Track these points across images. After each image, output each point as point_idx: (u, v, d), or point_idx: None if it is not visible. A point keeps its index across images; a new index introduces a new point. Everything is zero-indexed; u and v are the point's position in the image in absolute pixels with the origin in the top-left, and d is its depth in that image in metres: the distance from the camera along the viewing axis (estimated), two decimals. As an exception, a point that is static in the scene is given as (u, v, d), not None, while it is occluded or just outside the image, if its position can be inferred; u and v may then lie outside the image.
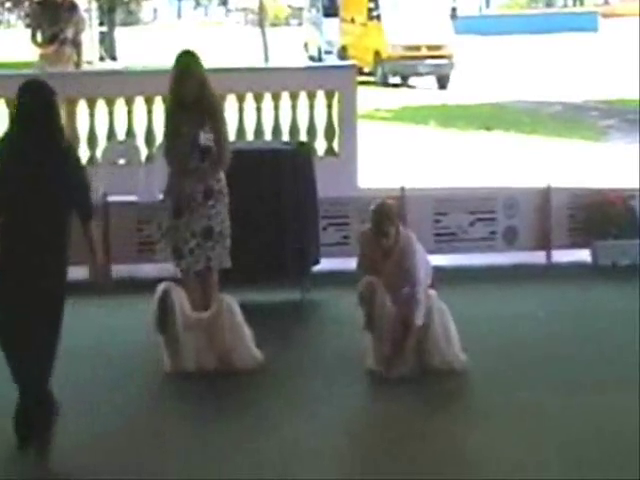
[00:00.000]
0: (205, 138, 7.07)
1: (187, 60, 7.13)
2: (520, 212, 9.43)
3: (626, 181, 10.59)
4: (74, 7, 11.57)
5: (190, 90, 7.05)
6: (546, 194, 9.43)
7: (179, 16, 65.47)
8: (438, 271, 7.31)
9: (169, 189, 7.25)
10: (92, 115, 10.53)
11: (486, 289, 8.57)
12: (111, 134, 10.55)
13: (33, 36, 11.45)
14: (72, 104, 10.58)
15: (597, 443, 5.57)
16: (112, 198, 9.08)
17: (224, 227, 7.20)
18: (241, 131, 10.50)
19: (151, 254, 8.98)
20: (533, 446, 5.54)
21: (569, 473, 5.26)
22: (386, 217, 6.70)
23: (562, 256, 9.31)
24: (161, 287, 6.72)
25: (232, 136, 10.46)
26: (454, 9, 29.37)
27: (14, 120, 5.61)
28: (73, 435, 5.73)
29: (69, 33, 11.36)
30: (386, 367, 6.56)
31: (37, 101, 5.47)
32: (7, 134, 5.62)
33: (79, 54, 11.60)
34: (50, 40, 11.28)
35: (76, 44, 11.52)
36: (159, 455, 5.54)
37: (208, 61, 7.68)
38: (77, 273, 8.80)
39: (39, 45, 11.40)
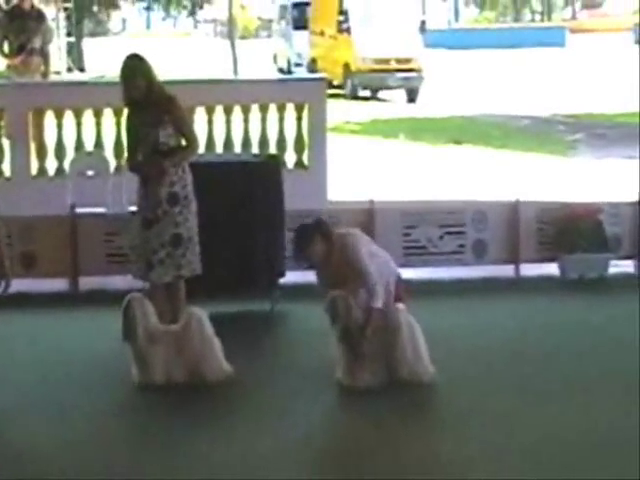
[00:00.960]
0: (165, 135, 7.05)
1: (130, 62, 7.15)
2: (489, 226, 9.47)
3: (594, 195, 10.68)
4: (41, 17, 11.52)
5: (137, 89, 7.05)
6: (515, 208, 9.48)
7: (148, 27, 65.37)
8: (407, 284, 7.33)
9: (137, 200, 7.23)
10: (60, 126, 10.48)
11: (455, 302, 8.59)
12: (79, 145, 10.50)
13: (0, 46, 11.38)
14: (40, 115, 10.54)
15: (564, 448, 5.60)
16: (80, 210, 9.03)
17: (193, 233, 7.19)
18: (211, 143, 10.49)
19: (119, 266, 8.96)
20: (502, 454, 5.56)
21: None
22: (303, 240, 6.79)
23: (530, 269, 9.35)
24: (126, 299, 6.69)
25: (201, 148, 10.51)
26: (423, 22, 29.50)
27: None
28: (40, 444, 5.69)
29: (37, 43, 11.30)
30: (354, 378, 6.56)
31: None
32: None
33: (47, 64, 11.56)
34: (18, 50, 11.22)
35: (44, 54, 11.47)
36: (125, 465, 5.49)
37: (177, 73, 7.66)
38: (47, 285, 8.83)
39: (6, 55, 11.33)
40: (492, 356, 7.24)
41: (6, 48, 11.33)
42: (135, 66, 7.11)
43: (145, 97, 7.05)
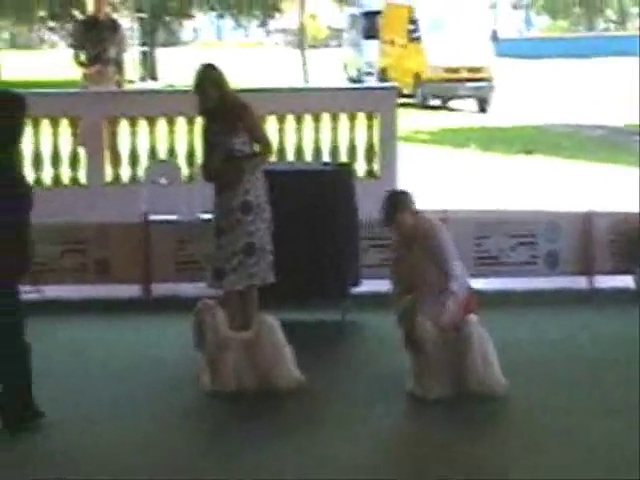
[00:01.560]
0: (239, 143, 7.09)
1: (204, 72, 7.19)
2: (562, 236, 9.35)
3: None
4: (116, 26, 11.68)
5: (210, 98, 7.09)
6: (588, 219, 9.35)
7: (219, 36, 65.92)
8: (478, 295, 7.26)
9: (213, 208, 7.30)
10: (134, 134, 10.60)
11: (527, 313, 8.50)
12: (152, 153, 10.61)
13: (76, 56, 11.57)
14: (114, 123, 10.68)
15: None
16: (153, 217, 9.12)
17: (265, 242, 7.21)
18: (282, 152, 10.53)
19: (191, 273, 9.03)
20: (577, 469, 5.47)
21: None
22: (393, 206, 6.82)
23: (604, 281, 9.21)
24: (197, 306, 6.73)
25: (273, 157, 10.54)
26: (495, 32, 29.31)
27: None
28: (111, 448, 5.75)
29: (112, 53, 11.46)
30: (425, 388, 6.53)
31: None
32: None
33: (121, 73, 11.70)
34: (93, 60, 11.39)
35: (118, 63, 11.62)
36: (194, 472, 5.52)
37: (248, 82, 7.71)
38: (120, 291, 8.94)
39: (82, 65, 11.50)
40: (565, 369, 7.14)
41: (82, 58, 11.50)
42: (208, 75, 7.16)
43: (219, 106, 7.10)
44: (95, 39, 11.43)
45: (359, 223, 8.47)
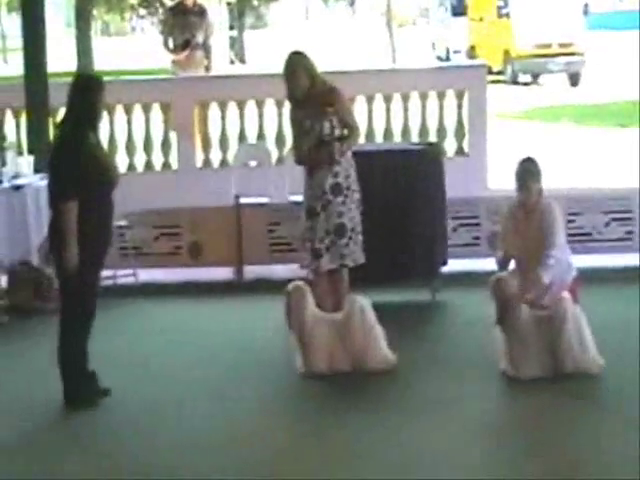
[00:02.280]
0: (329, 127, 7.13)
1: (292, 59, 7.22)
2: (658, 212, 9.16)
3: None
4: (203, 12, 11.80)
5: (300, 86, 7.14)
6: (685, 193, 9.14)
7: (307, 18, 65.98)
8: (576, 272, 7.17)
9: (304, 190, 7.34)
10: (224, 118, 10.69)
11: (622, 291, 8.36)
12: (242, 136, 10.69)
13: (165, 42, 11.71)
14: (204, 107, 10.78)
15: None
16: (244, 200, 9.21)
17: (355, 223, 7.24)
18: (370, 133, 10.51)
19: (282, 255, 9.10)
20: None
21: None
22: (529, 172, 6.90)
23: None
24: (288, 287, 6.78)
25: (362, 138, 10.54)
26: (587, 5, 28.76)
27: None
28: (204, 431, 5.84)
29: (199, 38, 11.59)
30: (518, 368, 6.48)
31: None
32: None
33: (209, 58, 11.82)
34: (182, 46, 11.52)
35: (206, 49, 11.74)
36: (286, 455, 5.56)
37: (336, 62, 7.69)
38: (213, 274, 9.05)
39: (171, 51, 11.65)
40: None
41: (171, 44, 11.65)
42: (297, 62, 7.19)
43: (309, 92, 7.14)
44: (183, 25, 11.57)
45: (447, 202, 8.42)
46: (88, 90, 6.09)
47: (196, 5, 11.76)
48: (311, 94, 7.14)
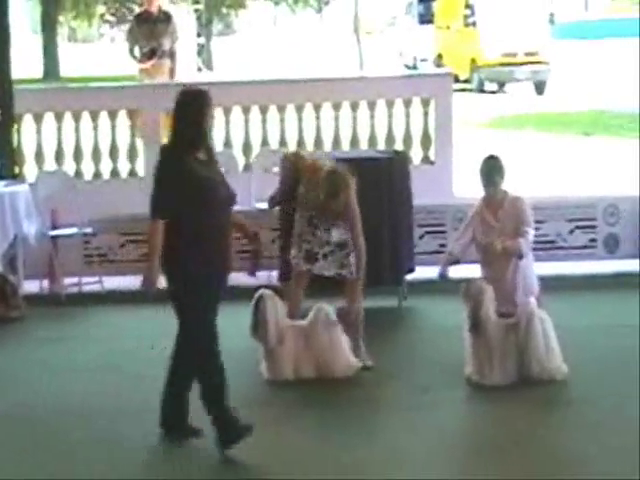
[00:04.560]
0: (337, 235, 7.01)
1: (337, 181, 6.86)
2: (621, 219, 9.25)
3: None
4: (169, 18, 11.76)
5: (336, 208, 6.88)
6: (648, 201, 9.24)
7: (274, 25, 66.00)
8: (538, 280, 7.23)
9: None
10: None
11: (586, 298, 8.43)
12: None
13: (131, 51, 11.67)
14: (170, 115, 10.74)
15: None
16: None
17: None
18: (337, 140, 10.54)
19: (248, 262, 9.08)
20: (635, 458, 5.43)
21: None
22: (494, 168, 7.07)
23: (665, 264, 9.10)
24: (256, 295, 6.78)
25: (328, 145, 10.57)
26: (552, 14, 29.01)
27: None
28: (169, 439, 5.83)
29: (166, 45, 11.56)
30: (483, 374, 6.52)
31: None
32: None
33: (174, 63, 11.79)
34: (149, 55, 11.48)
35: (171, 54, 11.71)
36: (255, 461, 5.56)
37: (304, 69, 7.70)
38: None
39: (138, 60, 11.60)
40: (625, 354, 7.07)
41: (137, 52, 11.60)
42: (338, 186, 6.84)
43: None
44: (149, 34, 11.52)
45: (414, 210, 8.45)
46: (193, 105, 5.71)
47: (161, 12, 11.71)
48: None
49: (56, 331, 7.98)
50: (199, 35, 37.47)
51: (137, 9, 28.07)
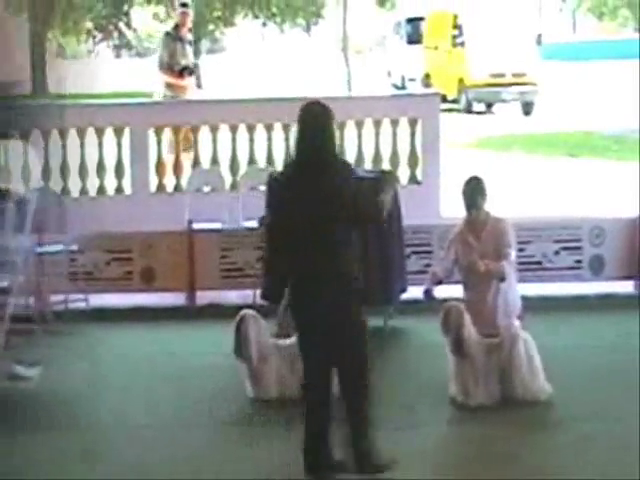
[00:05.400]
0: None
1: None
2: (607, 241, 9.29)
3: None
4: (190, 40, 12.24)
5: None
6: (634, 223, 9.27)
7: (262, 44, 66.13)
8: (523, 300, 7.24)
9: None
10: (178, 143, 10.67)
11: (572, 319, 8.45)
12: (196, 162, 10.67)
13: (168, 66, 11.96)
14: (158, 132, 10.76)
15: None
16: (197, 225, 9.19)
17: None
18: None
19: (234, 281, 9.09)
20: (620, 478, 5.44)
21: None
22: (477, 190, 7.07)
23: (650, 287, 9.13)
24: (239, 315, 6.77)
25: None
26: (540, 35, 29.16)
27: None
28: (155, 455, 5.79)
29: (191, 64, 12.01)
30: (467, 395, 6.52)
31: None
32: None
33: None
34: (181, 72, 11.86)
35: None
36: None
37: (291, 88, 7.72)
38: (166, 299, 9.02)
39: (176, 76, 11.89)
40: (610, 374, 7.09)
41: (166, 66, 11.96)
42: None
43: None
44: (181, 51, 11.95)
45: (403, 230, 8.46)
46: (313, 120, 5.58)
47: (189, 32, 12.24)
48: None
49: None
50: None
51: (124, 25, 28.12)
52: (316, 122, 5.58)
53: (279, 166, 10.23)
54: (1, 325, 5.21)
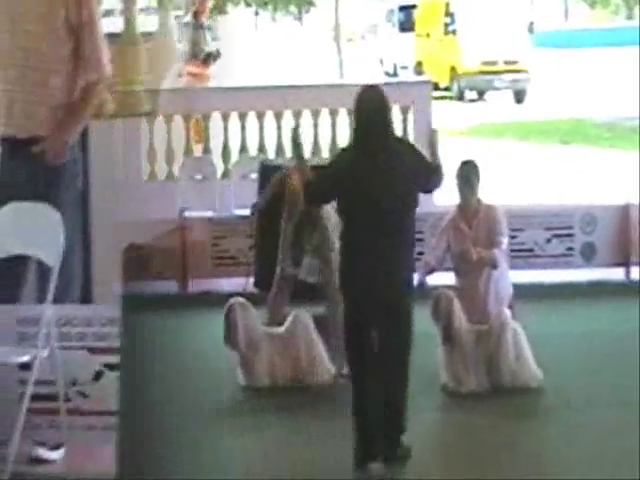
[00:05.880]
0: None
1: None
2: (598, 228, 9.30)
3: None
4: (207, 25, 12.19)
5: (316, 213, 6.92)
6: (626, 210, 9.29)
7: (255, 31, 66.01)
8: (514, 288, 7.25)
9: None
10: (169, 131, 10.65)
11: (563, 306, 8.47)
12: (188, 150, 10.66)
13: (191, 54, 11.94)
14: (150, 120, 10.74)
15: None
16: (189, 213, 9.19)
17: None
18: (316, 147, 10.55)
19: (226, 269, 9.10)
20: (612, 465, 5.45)
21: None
22: (472, 171, 7.05)
23: (642, 273, 9.16)
24: (228, 303, 6.78)
25: (307, 153, 10.57)
26: (532, 23, 29.17)
27: None
28: (153, 442, 5.81)
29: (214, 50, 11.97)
30: (459, 382, 6.54)
31: None
32: None
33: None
34: (204, 60, 11.83)
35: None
36: (231, 468, 5.56)
37: (284, 76, 7.73)
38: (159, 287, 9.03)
39: (200, 63, 11.87)
40: (601, 362, 7.11)
41: (189, 55, 11.93)
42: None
43: None
44: (200, 39, 11.93)
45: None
46: (363, 104, 5.58)
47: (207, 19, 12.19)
48: None
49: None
50: (180, 41, 37.44)
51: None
52: (381, 105, 5.59)
53: (270, 154, 10.24)
54: (20, 403, 4.98)
